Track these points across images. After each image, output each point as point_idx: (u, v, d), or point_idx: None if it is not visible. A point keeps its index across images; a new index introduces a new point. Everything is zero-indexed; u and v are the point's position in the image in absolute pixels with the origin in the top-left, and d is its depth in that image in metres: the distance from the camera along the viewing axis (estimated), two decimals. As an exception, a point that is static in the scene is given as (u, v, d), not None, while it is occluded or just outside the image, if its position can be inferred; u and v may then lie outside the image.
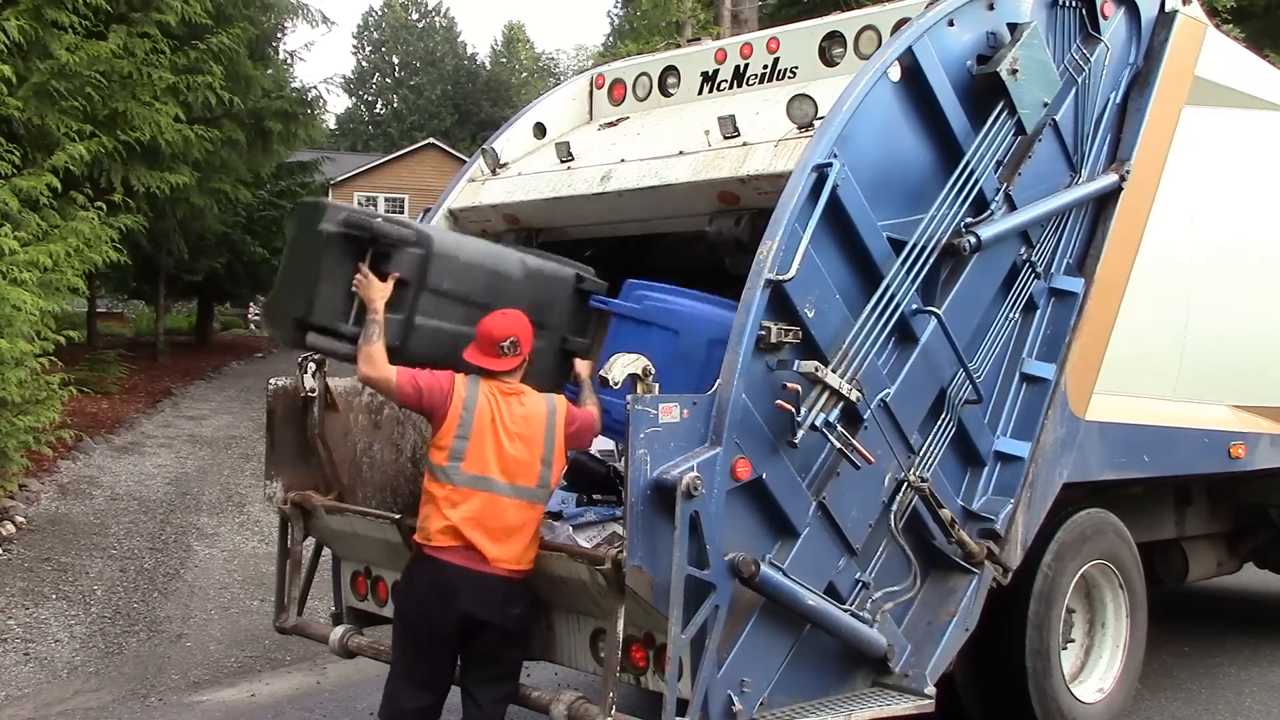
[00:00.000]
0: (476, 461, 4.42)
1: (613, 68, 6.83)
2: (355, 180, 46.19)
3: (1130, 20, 5.85)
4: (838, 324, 4.50)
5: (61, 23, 11.25)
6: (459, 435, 4.42)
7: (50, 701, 6.87)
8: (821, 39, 5.83)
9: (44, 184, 10.18)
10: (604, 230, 5.93)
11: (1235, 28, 16.32)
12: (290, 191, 25.27)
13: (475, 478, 4.42)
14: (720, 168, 5.06)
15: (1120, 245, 5.68)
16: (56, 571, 9.05)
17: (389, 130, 64.13)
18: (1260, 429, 6.89)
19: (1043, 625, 5.49)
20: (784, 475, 4.34)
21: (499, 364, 4.52)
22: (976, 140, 4.96)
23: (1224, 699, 6.91)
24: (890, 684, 4.73)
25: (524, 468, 4.46)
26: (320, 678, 7.26)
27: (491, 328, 4.53)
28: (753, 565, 4.13)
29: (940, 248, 4.81)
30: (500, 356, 4.51)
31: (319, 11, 21.77)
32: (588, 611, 4.65)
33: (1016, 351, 5.35)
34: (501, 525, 4.42)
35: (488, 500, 4.42)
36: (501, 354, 4.50)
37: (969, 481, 5.16)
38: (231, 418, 16.51)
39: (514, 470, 4.45)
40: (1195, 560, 7.48)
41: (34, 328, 9.61)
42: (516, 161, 6.22)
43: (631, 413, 4.01)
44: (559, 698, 4.38)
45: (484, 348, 4.53)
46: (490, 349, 4.51)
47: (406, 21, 69.56)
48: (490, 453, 4.43)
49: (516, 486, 4.45)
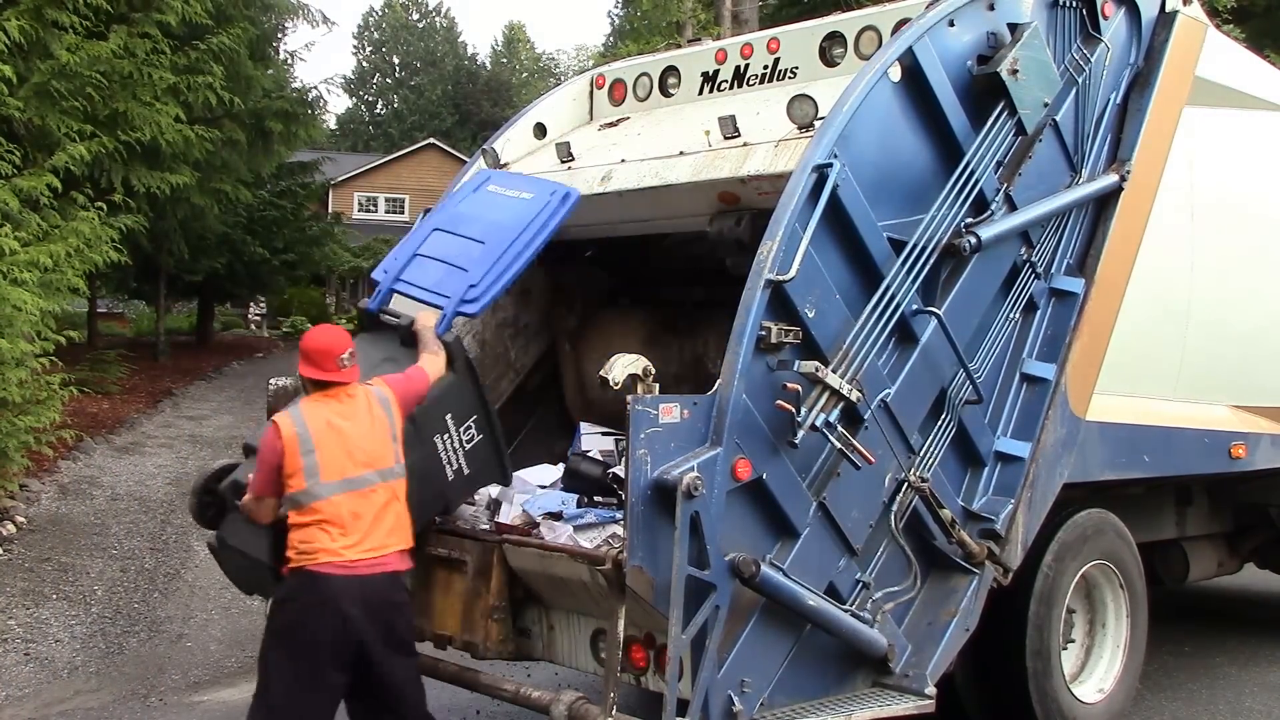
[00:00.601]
0: (333, 468, 4.39)
1: (613, 68, 6.83)
2: (355, 180, 46.25)
3: (1131, 20, 5.84)
4: (838, 324, 4.50)
5: (62, 23, 11.25)
6: (304, 453, 4.37)
7: (51, 701, 6.88)
8: (822, 39, 5.83)
9: (44, 184, 10.19)
10: (604, 230, 5.94)
11: (1235, 28, 16.32)
12: (290, 191, 25.29)
13: (341, 482, 4.38)
14: (721, 168, 5.06)
15: (1121, 245, 5.68)
16: (57, 571, 9.05)
17: (389, 130, 64.14)
18: (1261, 429, 6.89)
19: (1043, 625, 5.49)
20: (784, 475, 4.34)
21: (343, 375, 4.49)
22: (977, 140, 4.96)
23: (1224, 699, 6.90)
24: (890, 684, 4.73)
25: (380, 451, 4.46)
26: (320, 678, 7.26)
27: (330, 343, 4.50)
28: (753, 565, 4.13)
29: (940, 248, 4.81)
30: (342, 369, 4.49)
31: (319, 12, 21.73)
32: (588, 612, 4.66)
33: (1017, 352, 5.35)
34: (378, 512, 4.40)
35: (361, 495, 4.39)
36: (343, 366, 4.49)
37: (969, 482, 5.16)
38: (232, 418, 16.51)
39: (371, 458, 4.44)
40: (1196, 560, 7.47)
41: (34, 328, 9.61)
42: (517, 162, 6.22)
43: (632, 413, 4.01)
44: (559, 698, 4.38)
45: (325, 364, 4.47)
46: (332, 364, 4.47)
47: (407, 21, 69.56)
48: (341, 453, 4.40)
49: (380, 471, 4.45)
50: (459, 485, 5.02)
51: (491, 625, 4.85)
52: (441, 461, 4.90)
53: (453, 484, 4.97)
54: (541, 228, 5.13)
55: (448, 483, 4.94)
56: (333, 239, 29.20)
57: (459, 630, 4.98)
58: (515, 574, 4.85)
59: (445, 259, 5.15)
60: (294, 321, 31.96)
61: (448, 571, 5.04)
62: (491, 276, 5.01)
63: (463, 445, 4.97)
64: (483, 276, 4.99)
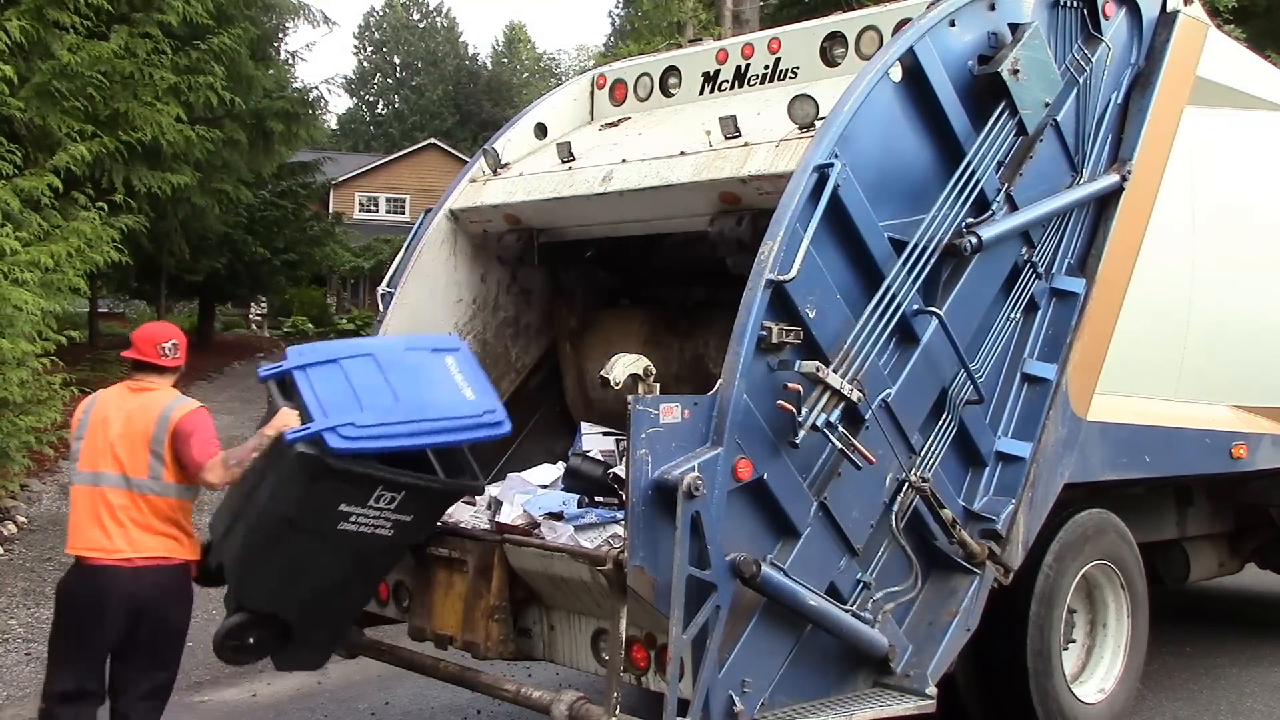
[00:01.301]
0: (88, 459, 4.63)
1: (614, 68, 6.84)
2: (356, 180, 46.25)
3: (1132, 21, 5.84)
4: (839, 324, 4.50)
5: (63, 23, 11.24)
6: (76, 438, 4.64)
7: (51, 701, 6.87)
8: (823, 39, 5.83)
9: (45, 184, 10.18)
10: (605, 230, 5.94)
11: (1236, 28, 16.30)
12: (291, 192, 25.29)
13: (90, 475, 4.58)
14: (721, 168, 5.06)
15: (1121, 245, 5.68)
16: (58, 571, 9.02)
17: (390, 130, 64.12)
18: (1261, 429, 6.88)
19: (1044, 625, 5.49)
20: (785, 475, 4.34)
21: (162, 361, 4.76)
22: (978, 140, 4.96)
23: (1225, 700, 6.90)
24: (891, 684, 4.73)
25: (132, 458, 4.60)
26: (321, 677, 7.25)
27: (157, 331, 4.85)
28: (754, 565, 4.13)
29: (941, 248, 4.81)
30: (162, 356, 4.77)
31: (320, 12, 21.81)
32: (589, 612, 4.66)
33: (1018, 352, 5.35)
34: (116, 515, 4.56)
35: (101, 493, 4.56)
36: (163, 355, 4.77)
37: (970, 482, 5.15)
38: (233, 418, 16.46)
39: (122, 461, 4.59)
40: (1196, 561, 7.47)
41: (35, 328, 9.60)
42: (518, 162, 6.22)
43: (633, 413, 4.01)
44: (560, 698, 4.38)
45: (144, 348, 4.76)
46: (152, 349, 4.76)
47: (408, 22, 69.55)
48: (101, 445, 4.61)
49: (127, 478, 4.59)
50: (409, 533, 4.83)
51: (492, 625, 4.85)
52: (367, 535, 4.68)
53: (396, 538, 4.77)
54: (451, 432, 4.80)
55: (389, 541, 4.76)
56: (333, 239, 29.20)
57: (460, 630, 4.98)
58: (516, 574, 4.85)
59: (354, 386, 4.75)
60: (295, 322, 31.97)
61: (448, 571, 5.05)
62: (375, 434, 4.56)
63: (385, 509, 4.67)
64: (368, 428, 4.55)
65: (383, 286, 6.03)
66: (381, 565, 5.02)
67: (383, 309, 5.94)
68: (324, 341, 5.20)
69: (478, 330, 6.22)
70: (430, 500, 4.83)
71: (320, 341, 5.13)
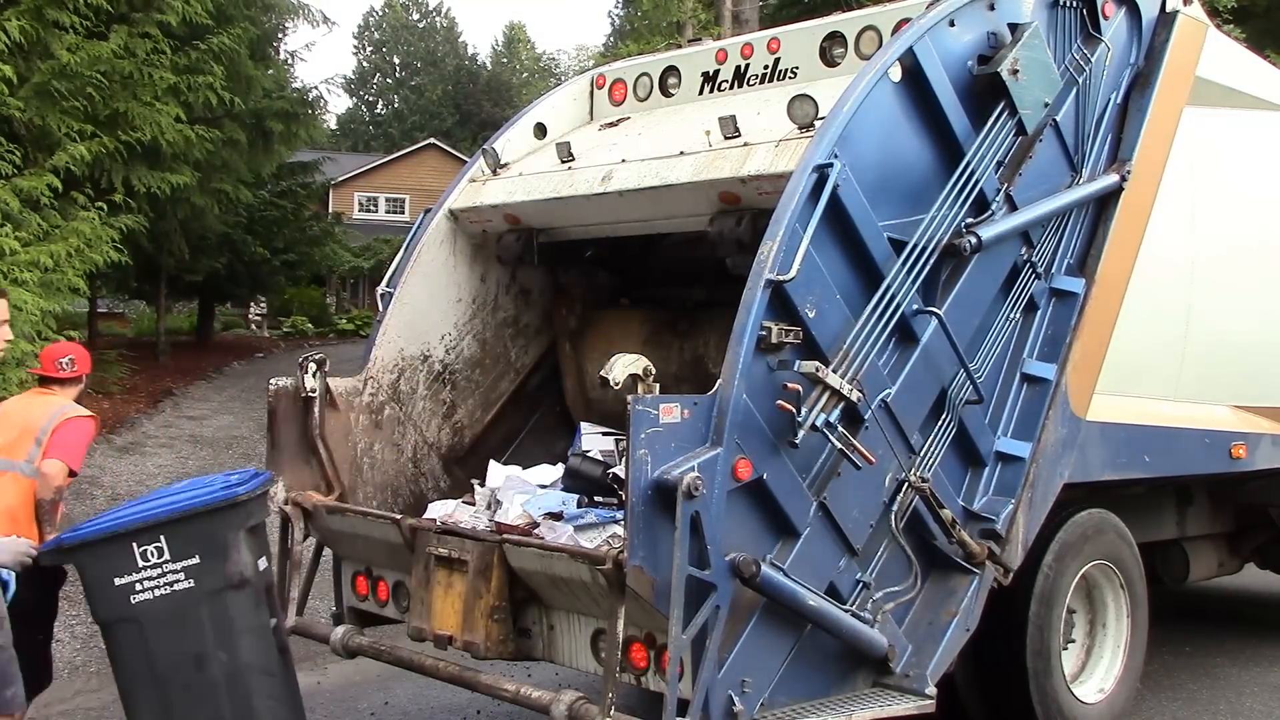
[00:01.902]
0: None
1: (613, 68, 6.83)
2: (356, 180, 46.26)
3: (1131, 21, 5.85)
4: (838, 324, 4.50)
5: (62, 23, 11.26)
6: None
7: (51, 701, 6.86)
8: (822, 39, 5.83)
9: (45, 184, 10.20)
10: (605, 230, 5.93)
11: (1236, 28, 16.31)
12: (291, 191, 25.30)
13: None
14: (721, 168, 5.06)
15: (1121, 245, 5.68)
16: (57, 571, 9.04)
17: (390, 130, 64.15)
18: (1261, 429, 6.88)
19: (1043, 625, 5.49)
20: (785, 475, 4.34)
21: (60, 374, 5.45)
22: (977, 140, 4.96)
23: (1225, 700, 6.90)
24: (891, 684, 4.72)
25: (17, 444, 5.17)
26: (321, 677, 7.26)
27: (54, 349, 5.62)
28: (753, 565, 4.13)
29: (941, 248, 4.81)
30: (59, 371, 5.45)
31: (320, 12, 21.82)
32: (588, 612, 4.65)
33: (1017, 352, 5.34)
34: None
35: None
36: (60, 369, 5.45)
37: (970, 482, 5.15)
38: (232, 418, 16.51)
39: (8, 447, 5.16)
40: (1196, 560, 7.47)
41: (35, 328, 9.61)
42: (517, 162, 6.22)
43: (632, 413, 4.01)
44: (559, 698, 4.38)
45: (45, 364, 5.53)
46: (51, 364, 5.49)
47: (407, 22, 69.56)
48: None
49: (10, 461, 5.14)
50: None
51: (492, 625, 4.85)
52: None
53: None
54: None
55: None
56: (333, 239, 29.23)
57: (459, 630, 4.97)
58: (516, 574, 4.85)
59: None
60: (294, 322, 31.98)
61: (448, 571, 5.04)
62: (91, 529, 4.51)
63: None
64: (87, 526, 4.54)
65: (382, 286, 6.03)
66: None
67: (382, 309, 5.94)
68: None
69: (477, 330, 6.22)
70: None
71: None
